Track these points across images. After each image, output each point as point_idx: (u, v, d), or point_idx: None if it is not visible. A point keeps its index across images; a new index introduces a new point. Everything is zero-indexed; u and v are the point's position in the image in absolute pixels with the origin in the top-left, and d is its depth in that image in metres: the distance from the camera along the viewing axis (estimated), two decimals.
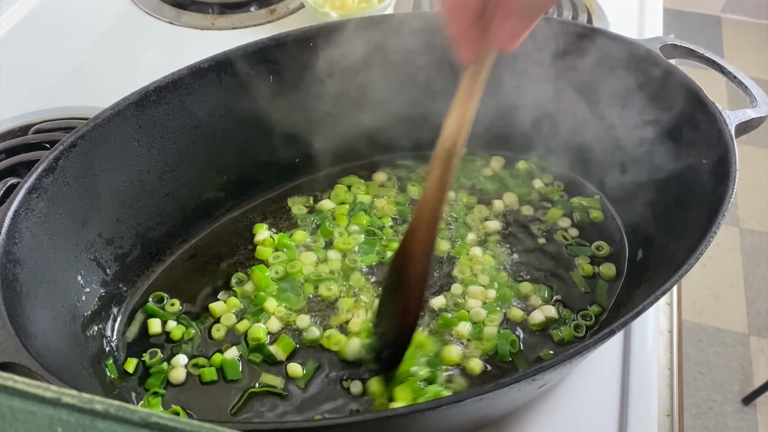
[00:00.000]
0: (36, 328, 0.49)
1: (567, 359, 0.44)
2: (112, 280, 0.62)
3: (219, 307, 0.63)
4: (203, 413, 0.56)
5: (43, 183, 0.53)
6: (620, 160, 0.67)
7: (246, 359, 0.59)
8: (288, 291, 0.64)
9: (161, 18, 1.00)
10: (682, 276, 0.47)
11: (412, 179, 0.75)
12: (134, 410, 0.23)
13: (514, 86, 0.69)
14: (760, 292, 1.81)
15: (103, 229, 0.60)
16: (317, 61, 0.67)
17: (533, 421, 0.57)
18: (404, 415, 0.42)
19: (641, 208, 0.66)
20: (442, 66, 0.68)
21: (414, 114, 0.73)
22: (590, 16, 0.99)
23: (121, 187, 0.61)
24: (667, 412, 0.60)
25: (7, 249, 0.49)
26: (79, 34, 0.97)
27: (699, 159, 0.57)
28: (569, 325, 0.61)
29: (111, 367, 0.58)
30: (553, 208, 0.71)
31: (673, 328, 0.67)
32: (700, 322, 1.75)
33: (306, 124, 0.71)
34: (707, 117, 0.57)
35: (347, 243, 0.68)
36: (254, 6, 1.02)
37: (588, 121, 0.67)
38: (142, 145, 0.61)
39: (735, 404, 1.58)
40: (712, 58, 0.63)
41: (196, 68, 0.62)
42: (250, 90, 0.66)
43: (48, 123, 0.80)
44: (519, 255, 0.68)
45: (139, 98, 0.59)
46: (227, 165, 0.69)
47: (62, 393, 0.23)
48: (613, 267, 0.66)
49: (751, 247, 1.93)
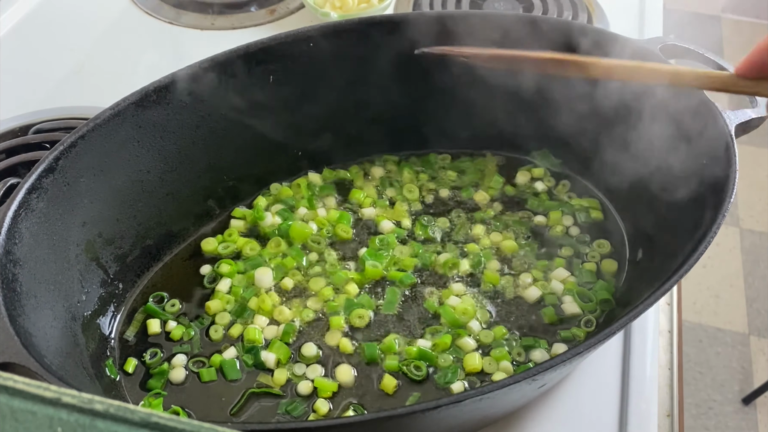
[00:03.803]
0: (36, 328, 0.49)
1: (567, 359, 0.44)
2: (112, 280, 0.62)
3: (214, 305, 0.63)
4: (203, 413, 0.56)
5: (43, 183, 0.53)
6: (620, 160, 0.67)
7: (242, 360, 0.59)
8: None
9: (161, 18, 1.00)
10: (682, 276, 0.47)
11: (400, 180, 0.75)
12: (134, 410, 0.23)
13: (514, 86, 0.69)
14: (760, 292, 1.81)
15: (103, 229, 0.60)
16: (317, 60, 0.67)
17: (533, 421, 0.57)
18: (404, 415, 0.42)
19: (641, 208, 0.66)
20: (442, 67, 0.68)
21: (414, 114, 0.73)
22: (590, 16, 0.99)
23: (121, 187, 0.61)
24: (667, 412, 0.60)
25: (7, 249, 0.49)
26: (79, 34, 0.97)
27: (699, 159, 0.57)
28: (572, 328, 0.61)
29: (111, 367, 0.58)
30: (553, 210, 0.71)
31: (673, 328, 0.67)
32: (700, 322, 1.74)
33: (306, 123, 0.71)
34: (707, 117, 0.57)
35: (346, 232, 0.68)
36: (254, 6, 1.02)
37: (588, 122, 0.67)
38: (142, 145, 0.61)
39: (735, 404, 1.58)
40: (712, 58, 0.63)
41: (196, 68, 0.62)
42: (250, 90, 0.66)
43: (48, 123, 0.80)
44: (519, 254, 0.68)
45: (139, 98, 0.59)
46: (227, 165, 0.69)
47: (62, 393, 0.23)
48: (615, 263, 0.66)
49: (751, 247, 1.93)
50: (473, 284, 0.65)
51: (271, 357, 0.59)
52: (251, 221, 0.70)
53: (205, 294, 0.65)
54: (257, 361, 0.59)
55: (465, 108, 0.72)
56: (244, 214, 0.70)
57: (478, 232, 0.69)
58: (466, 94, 0.71)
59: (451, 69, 0.69)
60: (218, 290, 0.64)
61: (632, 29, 0.98)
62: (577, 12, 0.99)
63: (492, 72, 0.67)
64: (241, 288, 0.65)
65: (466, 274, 0.66)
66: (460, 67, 0.68)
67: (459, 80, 0.70)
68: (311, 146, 0.73)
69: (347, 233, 0.69)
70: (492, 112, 0.72)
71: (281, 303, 0.64)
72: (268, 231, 0.69)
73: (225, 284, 0.65)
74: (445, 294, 0.64)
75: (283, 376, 0.58)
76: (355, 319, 0.62)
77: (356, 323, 0.62)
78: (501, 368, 0.58)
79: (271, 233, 0.69)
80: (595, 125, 0.67)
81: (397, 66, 0.69)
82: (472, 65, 0.59)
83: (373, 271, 0.65)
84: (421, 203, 0.73)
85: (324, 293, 0.64)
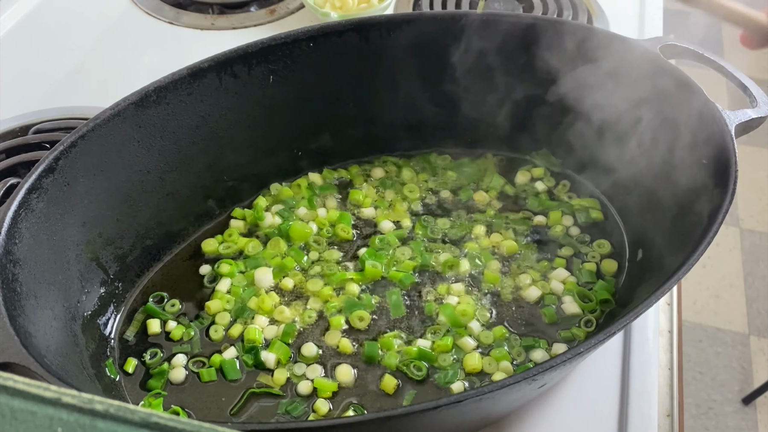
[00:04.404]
0: (36, 328, 0.49)
1: (567, 359, 0.44)
2: (112, 280, 0.62)
3: (214, 305, 0.63)
4: (203, 413, 0.56)
5: (43, 183, 0.53)
6: (620, 160, 0.67)
7: (242, 360, 0.59)
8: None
9: (161, 18, 1.00)
10: (682, 276, 0.47)
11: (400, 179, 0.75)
12: (134, 410, 0.23)
13: (514, 86, 0.69)
14: (760, 292, 1.81)
15: (103, 229, 0.60)
16: (317, 60, 0.67)
17: (533, 421, 0.57)
18: (404, 415, 0.42)
19: (641, 208, 0.66)
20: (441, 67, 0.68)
21: (416, 116, 0.73)
22: (590, 16, 0.99)
23: (121, 187, 0.61)
24: (667, 412, 0.60)
25: (7, 249, 0.49)
26: (79, 34, 0.97)
27: (699, 159, 0.57)
28: (572, 327, 0.61)
29: (111, 367, 0.58)
30: (553, 210, 0.71)
31: (673, 328, 0.67)
32: (700, 322, 1.74)
33: (306, 123, 0.71)
34: (707, 117, 0.57)
35: (346, 232, 0.68)
36: (254, 6, 1.02)
37: (588, 122, 0.67)
38: (142, 145, 0.61)
39: (735, 404, 1.58)
40: (712, 58, 0.63)
41: (196, 68, 0.62)
42: (250, 90, 0.66)
43: (48, 123, 0.80)
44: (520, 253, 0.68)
45: (139, 98, 0.59)
46: (227, 165, 0.69)
47: (62, 393, 0.23)
48: (615, 263, 0.66)
49: (751, 247, 1.93)
50: (473, 284, 0.65)
51: (271, 357, 0.59)
52: (251, 221, 0.70)
53: (205, 294, 0.65)
54: (257, 361, 0.59)
55: (465, 108, 0.72)
56: (244, 215, 0.70)
57: (478, 232, 0.69)
58: (467, 94, 0.71)
59: (451, 68, 0.69)
60: (218, 290, 0.64)
61: (632, 29, 0.98)
62: (577, 12, 0.99)
63: (492, 72, 0.67)
64: (241, 288, 0.65)
65: (466, 274, 0.66)
66: (461, 66, 0.68)
67: (459, 80, 0.70)
68: (311, 146, 0.73)
69: (347, 233, 0.69)
70: (492, 112, 0.72)
71: (281, 303, 0.64)
72: (268, 231, 0.69)
73: (225, 284, 0.65)
74: (445, 294, 0.64)
75: (283, 376, 0.58)
76: (356, 321, 0.62)
77: (357, 325, 0.62)
78: (501, 368, 0.58)
79: (271, 233, 0.69)
80: (595, 125, 0.67)
81: (397, 66, 0.69)
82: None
83: (373, 271, 0.65)
84: (421, 203, 0.73)
85: (324, 293, 0.64)
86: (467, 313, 0.62)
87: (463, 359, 0.59)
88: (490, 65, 0.68)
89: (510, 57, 0.68)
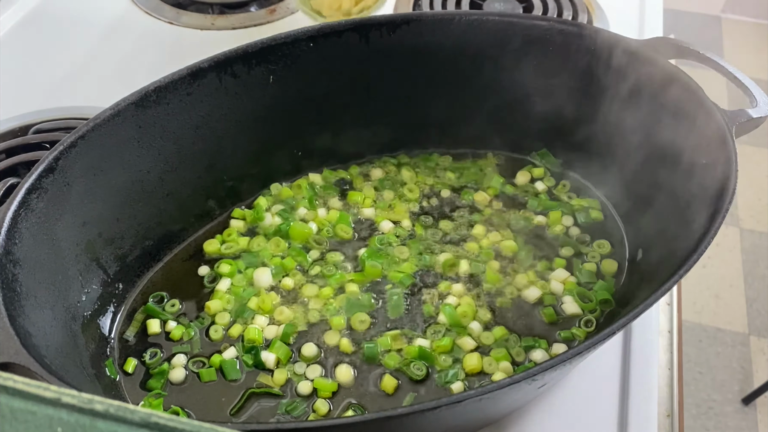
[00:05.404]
0: (36, 328, 0.49)
1: (567, 359, 0.44)
2: (112, 280, 0.62)
3: (214, 305, 0.63)
4: (203, 413, 0.56)
5: (43, 183, 0.53)
6: (620, 160, 0.67)
7: (242, 360, 0.59)
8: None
9: (161, 18, 1.00)
10: (682, 276, 0.47)
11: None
12: (134, 410, 0.23)
13: (514, 86, 0.69)
14: (760, 292, 1.81)
15: (103, 229, 0.60)
16: (317, 60, 0.67)
17: (533, 421, 0.57)
18: (404, 415, 0.42)
19: (641, 208, 0.66)
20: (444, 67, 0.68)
21: (420, 116, 0.73)
22: (590, 16, 0.99)
23: (121, 187, 0.61)
24: (667, 412, 0.60)
25: (7, 249, 0.49)
26: (79, 34, 0.97)
27: (699, 159, 0.57)
28: (572, 328, 0.61)
29: (111, 367, 0.58)
30: (553, 210, 0.71)
31: (673, 328, 0.67)
32: (700, 322, 1.74)
33: (306, 123, 0.71)
34: (707, 117, 0.57)
35: (345, 231, 0.68)
36: (254, 6, 1.02)
37: (588, 122, 0.67)
38: (142, 145, 0.61)
39: (735, 404, 1.58)
40: (712, 58, 0.63)
41: (196, 68, 0.62)
42: (250, 90, 0.66)
43: (48, 123, 0.80)
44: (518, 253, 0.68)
45: (139, 98, 0.59)
46: (227, 165, 0.69)
47: (62, 393, 0.23)
48: (615, 263, 0.66)
49: (751, 247, 1.93)
50: (473, 284, 0.65)
51: (271, 357, 0.59)
52: (251, 221, 0.70)
53: (205, 294, 0.65)
54: (257, 361, 0.59)
55: (465, 108, 0.72)
56: (244, 215, 0.70)
57: (478, 232, 0.69)
58: (467, 94, 0.71)
59: (451, 69, 0.69)
60: (218, 290, 0.64)
61: (632, 29, 0.98)
62: (577, 12, 0.99)
63: (493, 72, 0.67)
64: (241, 288, 0.65)
65: (466, 274, 0.66)
66: (461, 66, 0.68)
67: (459, 80, 0.70)
68: (311, 146, 0.73)
69: (347, 233, 0.69)
70: (492, 112, 0.72)
71: (281, 303, 0.64)
72: (268, 231, 0.69)
73: (225, 284, 0.65)
74: (444, 294, 0.64)
75: (283, 376, 0.58)
76: (357, 323, 0.62)
77: (357, 327, 0.61)
78: (501, 368, 0.58)
79: (271, 233, 0.69)
80: (595, 125, 0.67)
81: (397, 66, 0.69)
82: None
83: (373, 271, 0.65)
84: (421, 203, 0.73)
85: (324, 293, 0.64)
86: (467, 313, 0.62)
87: (463, 359, 0.59)
88: (490, 65, 0.68)
89: (510, 57, 0.68)
